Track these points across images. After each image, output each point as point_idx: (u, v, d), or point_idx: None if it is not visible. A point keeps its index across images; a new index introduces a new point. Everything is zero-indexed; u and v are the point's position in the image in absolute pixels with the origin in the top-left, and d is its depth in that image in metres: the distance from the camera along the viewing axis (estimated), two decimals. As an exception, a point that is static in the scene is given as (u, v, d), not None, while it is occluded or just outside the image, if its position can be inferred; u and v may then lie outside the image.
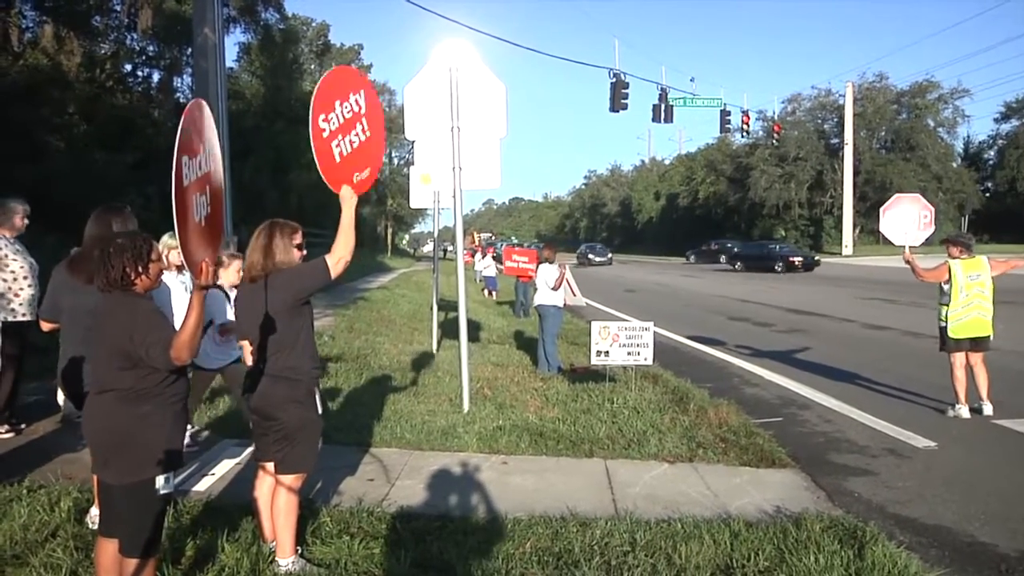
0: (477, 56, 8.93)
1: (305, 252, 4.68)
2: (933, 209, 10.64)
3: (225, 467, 6.75)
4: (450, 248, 35.26)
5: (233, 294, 6.44)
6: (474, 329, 15.71)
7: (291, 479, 4.61)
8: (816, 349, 14.21)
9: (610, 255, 63.49)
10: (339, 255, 4.56)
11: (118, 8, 29.10)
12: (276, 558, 4.63)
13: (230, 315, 6.60)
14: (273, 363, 4.51)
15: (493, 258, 31.25)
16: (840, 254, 59.28)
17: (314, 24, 56.78)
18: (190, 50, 22.93)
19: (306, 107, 5.28)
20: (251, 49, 42.21)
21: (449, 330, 13.79)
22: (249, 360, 4.71)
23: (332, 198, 5.00)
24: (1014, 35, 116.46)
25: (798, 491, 6.55)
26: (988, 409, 9.11)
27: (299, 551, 4.73)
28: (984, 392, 9.19)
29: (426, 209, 26.09)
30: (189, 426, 7.06)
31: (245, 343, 4.80)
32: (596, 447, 7.52)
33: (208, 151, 4.33)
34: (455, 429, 7.97)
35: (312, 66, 53.75)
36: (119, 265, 3.80)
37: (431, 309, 14.75)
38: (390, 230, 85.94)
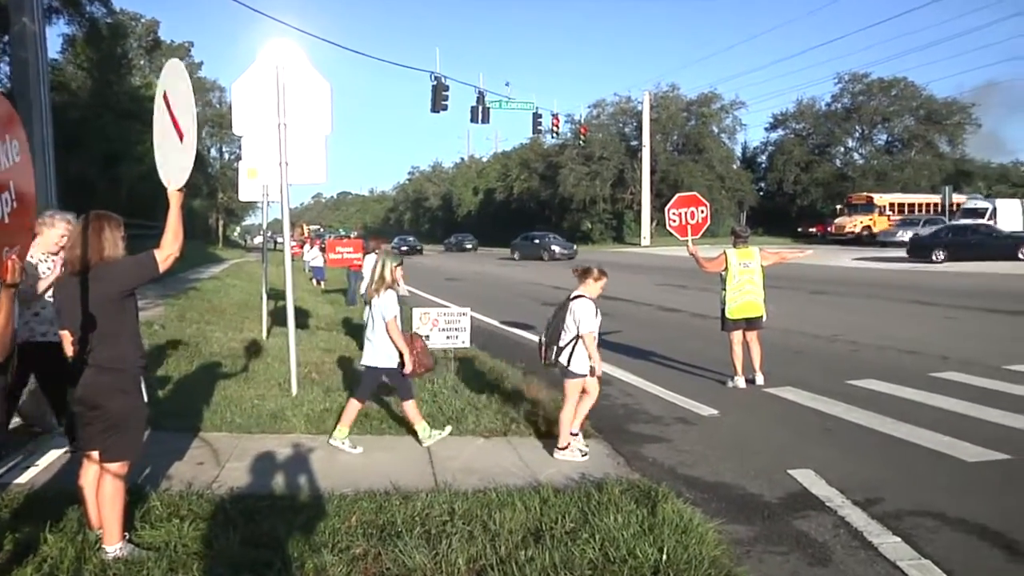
0: (304, 56, 8.71)
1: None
2: (709, 206, 11.34)
3: (50, 458, 6.30)
4: (280, 240, 34.24)
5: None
6: (303, 317, 15.36)
7: (116, 466, 4.36)
8: (618, 330, 14.77)
9: (420, 246, 65.50)
10: (167, 252, 4.34)
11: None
12: (103, 545, 4.37)
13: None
14: (98, 354, 4.25)
15: (320, 249, 30.54)
16: (639, 245, 61.77)
17: (143, 20, 53.57)
18: (7, 38, 21.07)
19: (136, 101, 4.93)
20: (76, 42, 39.26)
21: (279, 318, 13.41)
22: (70, 351, 4.42)
23: (163, 190, 4.73)
24: (782, 57, 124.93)
25: (601, 458, 6.82)
26: (760, 379, 9.80)
27: (127, 536, 4.49)
28: (757, 365, 9.88)
29: (256, 202, 25.20)
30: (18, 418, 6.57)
31: (65, 334, 4.50)
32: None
33: (9, 147, 3.98)
34: (284, 412, 7.78)
35: (142, 62, 50.69)
36: None
37: (261, 298, 14.31)
38: (222, 222, 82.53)
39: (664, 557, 4.46)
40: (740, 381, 9.79)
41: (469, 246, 66.09)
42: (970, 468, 6.55)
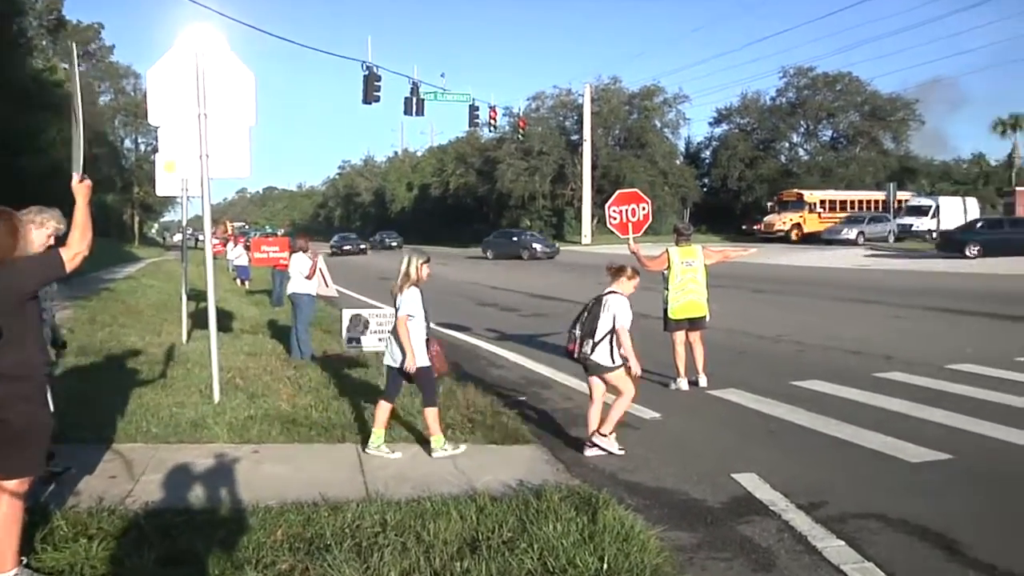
0: (225, 42, 8.55)
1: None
2: (650, 202, 11.48)
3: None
4: (201, 237, 33.62)
5: None
6: (226, 319, 15.10)
7: (15, 484, 4.16)
8: (557, 331, 14.82)
9: (364, 244, 63.70)
10: (75, 250, 4.21)
11: None
12: (-4, 571, 4.20)
13: None
14: (0, 360, 4.10)
15: (244, 247, 30.05)
16: (580, 243, 62.19)
17: (44, -4, 51.92)
18: None
19: (40, 86, 4.80)
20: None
21: (200, 320, 13.17)
22: None
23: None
24: (724, 51, 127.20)
25: (540, 465, 6.85)
26: (704, 381, 9.96)
27: (23, 561, 4.32)
28: (700, 366, 10.04)
29: (175, 197, 24.70)
30: None
31: None
32: (348, 432, 7.50)
33: None
34: (205, 420, 7.64)
35: (44, 42, 49.12)
36: None
37: (181, 299, 14.02)
38: (138, 219, 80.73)
39: (605, 566, 4.50)
40: (683, 383, 9.92)
41: (393, 244, 65.69)
42: (913, 469, 6.75)
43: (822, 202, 54.89)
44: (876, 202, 55.36)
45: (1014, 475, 6.59)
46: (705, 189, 73.93)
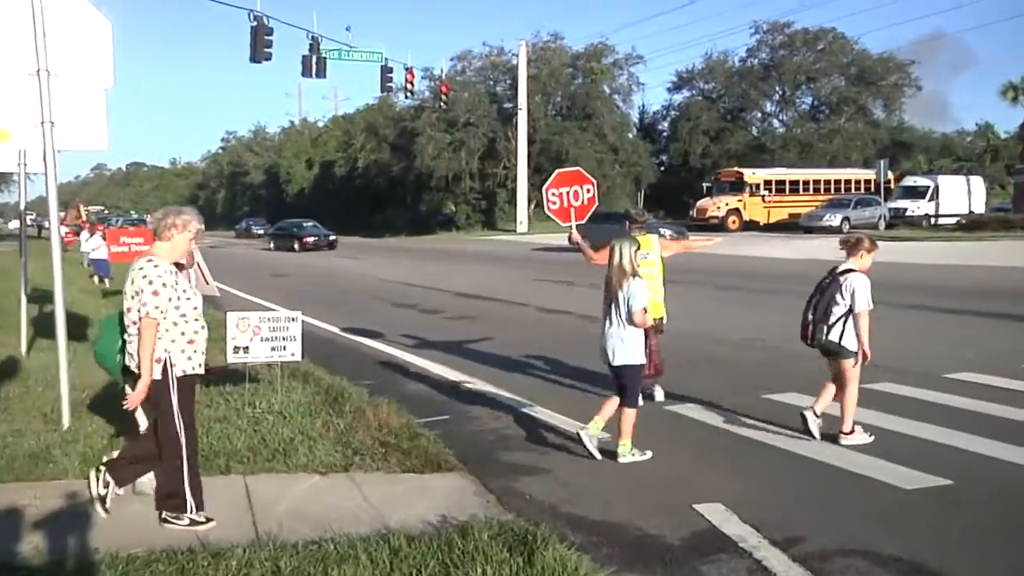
0: (73, -18, 8.36)
1: None
2: (596, 184, 11.56)
3: None
4: (46, 224, 32.81)
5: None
6: (79, 325, 14.73)
7: None
8: (489, 337, 14.87)
9: (332, 236, 60.83)
10: None
11: None
12: None
13: None
14: None
15: (103, 237, 29.37)
16: (515, 232, 62.35)
17: None
18: None
19: None
20: None
21: (45, 327, 12.84)
22: None
23: None
24: (685, 1, 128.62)
25: (466, 496, 6.85)
26: (659, 395, 10.06)
27: None
28: (656, 377, 10.12)
29: (11, 174, 23.99)
30: None
31: None
32: (233, 461, 7.39)
33: None
34: (50, 451, 7.46)
35: None
36: None
37: (19, 302, 13.67)
38: (-40, 201, 78.50)
39: (543, 617, 4.51)
40: (636, 397, 9.99)
41: (259, 231, 67.38)
42: (907, 496, 6.88)
43: (767, 183, 55.08)
44: (849, 182, 56.30)
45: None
46: (663, 168, 74.92)
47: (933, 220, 49.33)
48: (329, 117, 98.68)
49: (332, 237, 54.13)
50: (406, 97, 56.73)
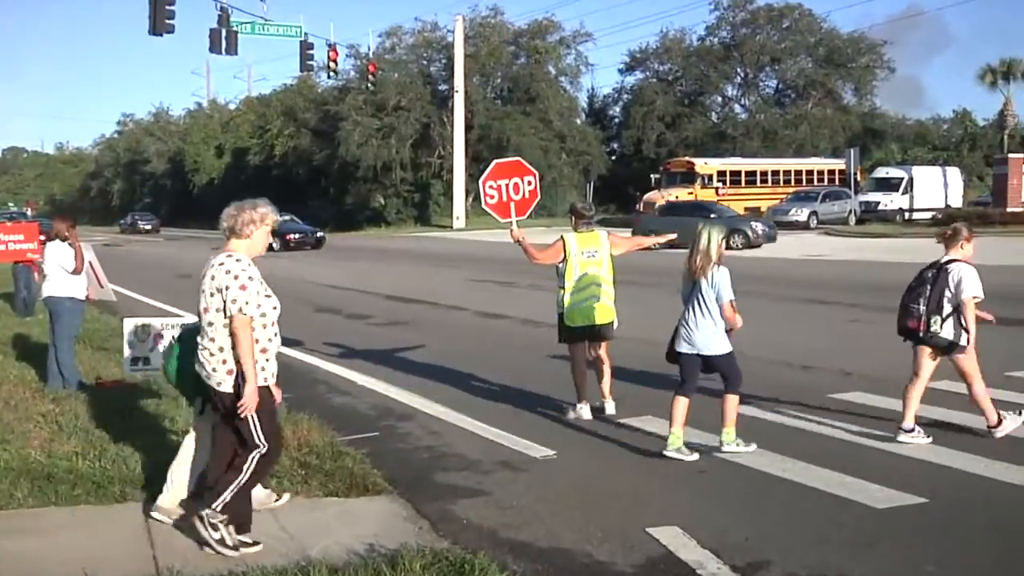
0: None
1: None
2: (538, 176, 11.56)
3: None
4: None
5: None
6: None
7: None
8: (422, 344, 14.82)
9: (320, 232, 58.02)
10: None
11: None
12: None
13: None
14: None
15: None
16: (451, 228, 62.23)
17: None
18: None
19: None
20: None
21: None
22: None
23: None
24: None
25: (396, 522, 6.83)
26: (611, 408, 10.08)
27: None
28: (607, 388, 10.16)
29: None
30: None
31: None
32: (131, 487, 7.30)
33: None
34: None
35: None
36: None
37: None
38: None
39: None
40: (584, 410, 10.00)
41: (147, 227, 69.19)
42: (879, 516, 6.95)
43: (721, 174, 55.57)
44: (812, 173, 57.06)
45: (1005, 525, 6.81)
46: (614, 157, 75.26)
47: (907, 215, 50.08)
48: (242, 99, 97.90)
49: (320, 234, 49.89)
50: (329, 77, 56.62)
